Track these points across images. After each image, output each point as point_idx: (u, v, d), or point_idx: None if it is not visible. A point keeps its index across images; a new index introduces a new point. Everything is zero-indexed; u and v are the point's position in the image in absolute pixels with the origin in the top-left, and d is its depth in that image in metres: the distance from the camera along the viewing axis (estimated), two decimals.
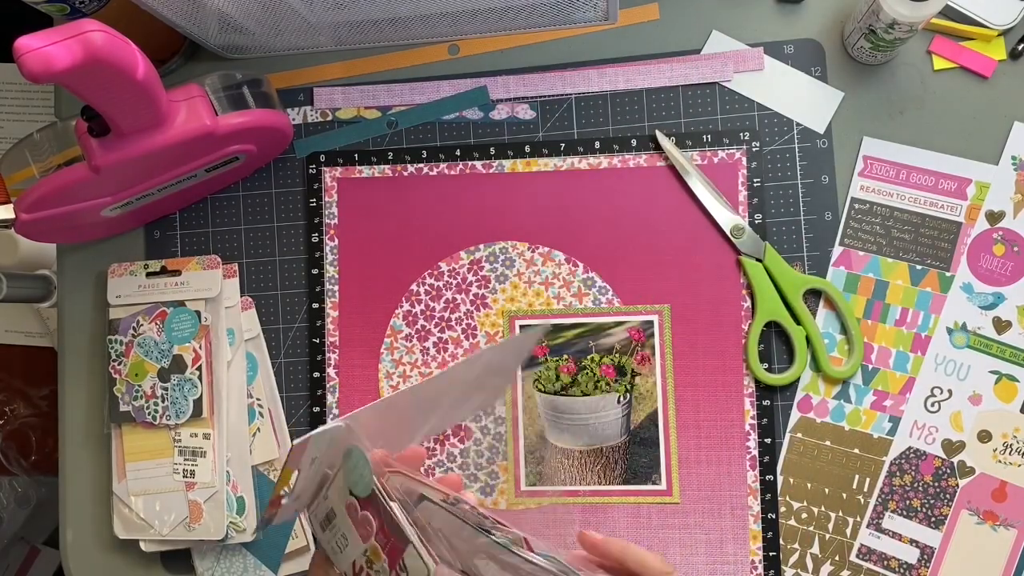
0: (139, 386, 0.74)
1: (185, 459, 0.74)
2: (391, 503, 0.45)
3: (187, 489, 0.73)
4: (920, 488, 0.71)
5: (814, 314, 0.73)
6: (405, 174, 0.77)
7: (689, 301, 0.74)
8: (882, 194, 0.73)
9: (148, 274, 0.77)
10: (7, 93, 1.19)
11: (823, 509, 0.72)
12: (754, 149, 0.75)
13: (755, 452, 0.72)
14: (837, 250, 0.74)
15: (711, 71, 0.76)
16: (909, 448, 0.72)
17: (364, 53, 0.79)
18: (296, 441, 0.44)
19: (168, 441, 0.74)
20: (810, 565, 0.71)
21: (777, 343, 0.73)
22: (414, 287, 0.76)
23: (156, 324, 0.75)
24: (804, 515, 0.72)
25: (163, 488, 0.74)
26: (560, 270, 0.75)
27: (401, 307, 0.76)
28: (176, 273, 0.77)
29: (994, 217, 0.72)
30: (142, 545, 0.74)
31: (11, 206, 0.67)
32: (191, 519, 0.73)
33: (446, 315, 0.76)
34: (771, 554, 0.72)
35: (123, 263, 0.77)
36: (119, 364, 0.75)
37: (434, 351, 0.76)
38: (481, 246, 0.76)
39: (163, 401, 0.74)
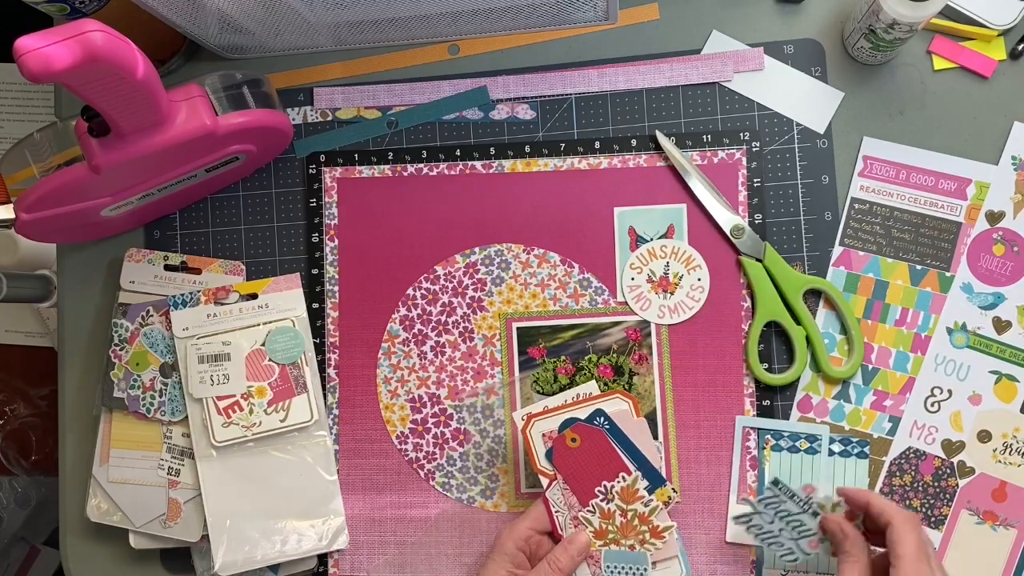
0: (138, 376, 0.74)
1: (173, 457, 0.74)
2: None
3: (169, 487, 0.73)
4: (920, 488, 0.71)
5: (814, 314, 0.73)
6: (405, 174, 0.77)
7: None
8: (882, 194, 0.73)
9: (166, 266, 0.77)
10: (7, 93, 1.19)
11: None
12: (754, 149, 0.75)
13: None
14: (837, 250, 0.73)
15: (711, 71, 0.76)
16: (909, 448, 0.72)
17: (364, 53, 0.79)
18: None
19: (159, 436, 0.74)
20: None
21: (777, 343, 0.73)
22: (410, 291, 0.76)
23: (165, 318, 0.75)
24: None
25: (144, 480, 0.74)
26: (556, 271, 0.75)
27: (398, 311, 0.76)
28: (196, 271, 0.77)
29: (994, 217, 0.72)
30: (131, 541, 0.74)
31: (11, 206, 0.67)
32: (168, 516, 0.73)
33: (443, 319, 0.76)
34: None
35: (142, 250, 0.78)
36: (120, 350, 0.75)
37: (431, 355, 0.76)
38: (476, 249, 0.76)
39: (160, 396, 0.74)
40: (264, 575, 0.74)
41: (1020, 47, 0.73)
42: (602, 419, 0.66)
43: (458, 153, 0.77)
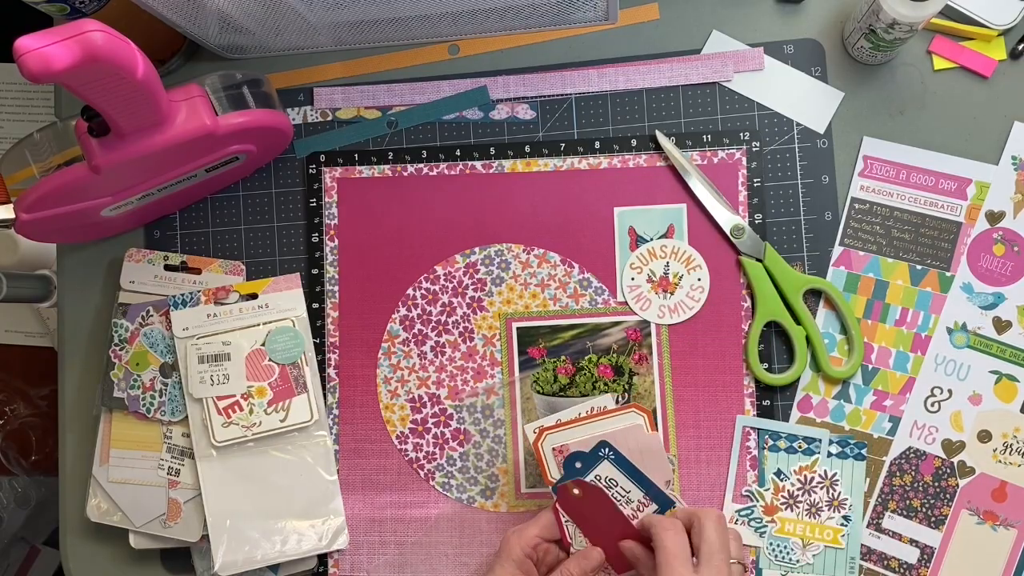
0: (138, 376, 0.74)
1: (173, 457, 0.74)
2: None
3: (169, 487, 0.73)
4: (920, 488, 0.71)
5: (814, 314, 0.73)
6: (405, 174, 0.77)
7: None
8: (882, 194, 0.73)
9: (166, 266, 0.77)
10: (7, 93, 1.19)
11: None
12: (754, 149, 0.75)
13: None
14: (837, 250, 0.74)
15: (711, 71, 0.76)
16: (909, 448, 0.72)
17: (364, 53, 0.79)
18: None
19: (159, 436, 0.74)
20: None
21: (777, 343, 0.73)
22: (410, 291, 0.76)
23: (165, 318, 0.75)
24: None
25: (144, 480, 0.74)
26: (556, 271, 0.75)
27: (398, 312, 0.76)
28: (196, 271, 0.77)
29: (994, 217, 0.72)
30: (131, 541, 0.74)
31: (11, 206, 0.67)
32: (168, 517, 0.73)
33: (443, 319, 0.76)
34: None
35: (142, 250, 0.78)
36: (120, 350, 0.75)
37: (431, 355, 0.76)
38: (476, 249, 0.76)
39: (160, 396, 0.74)
40: (264, 575, 0.74)
41: (1020, 47, 0.73)
42: (607, 450, 0.66)
43: (458, 153, 0.77)
